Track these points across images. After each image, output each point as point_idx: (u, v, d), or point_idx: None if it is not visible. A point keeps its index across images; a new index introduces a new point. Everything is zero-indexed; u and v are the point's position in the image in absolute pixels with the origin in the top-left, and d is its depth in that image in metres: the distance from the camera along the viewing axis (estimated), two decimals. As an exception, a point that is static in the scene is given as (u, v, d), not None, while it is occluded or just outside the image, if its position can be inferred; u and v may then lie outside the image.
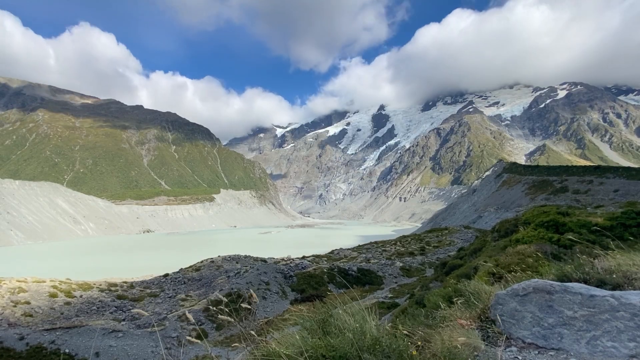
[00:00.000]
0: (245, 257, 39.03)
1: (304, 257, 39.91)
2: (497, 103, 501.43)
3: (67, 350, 15.67)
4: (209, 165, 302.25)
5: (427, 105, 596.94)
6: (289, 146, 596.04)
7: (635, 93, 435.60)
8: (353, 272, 30.47)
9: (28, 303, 20.01)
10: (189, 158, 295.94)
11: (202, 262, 36.46)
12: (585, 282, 3.61)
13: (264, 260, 35.63)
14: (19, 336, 16.04)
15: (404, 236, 65.58)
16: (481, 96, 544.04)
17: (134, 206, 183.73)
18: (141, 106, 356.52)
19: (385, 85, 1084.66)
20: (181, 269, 35.19)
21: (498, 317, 3.15)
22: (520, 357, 2.75)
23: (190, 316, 2.77)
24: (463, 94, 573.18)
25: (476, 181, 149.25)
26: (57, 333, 16.60)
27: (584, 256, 4.55)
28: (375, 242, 54.34)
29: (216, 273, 31.47)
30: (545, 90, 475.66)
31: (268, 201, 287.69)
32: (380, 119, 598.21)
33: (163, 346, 16.93)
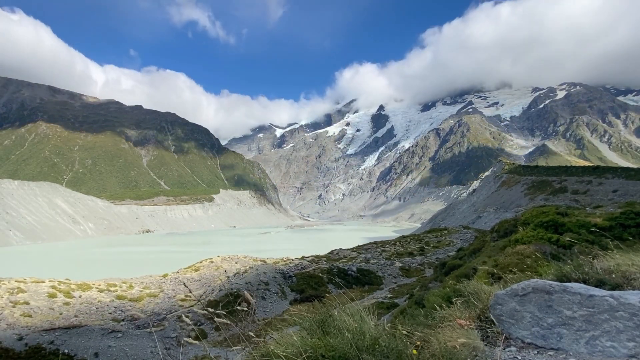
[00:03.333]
0: (245, 257, 39.01)
1: (303, 258, 39.89)
2: (496, 103, 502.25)
3: (66, 351, 15.65)
4: (208, 165, 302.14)
5: (427, 106, 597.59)
6: (289, 146, 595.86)
7: (634, 93, 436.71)
8: (352, 273, 30.49)
9: (27, 303, 19.97)
10: (188, 158, 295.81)
11: (201, 262, 36.41)
12: (585, 282, 3.61)
13: (263, 261, 35.62)
14: (18, 336, 16.02)
15: (404, 236, 65.59)
16: (480, 96, 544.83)
17: (133, 206, 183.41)
18: (140, 106, 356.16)
19: (385, 85, 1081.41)
20: (180, 269, 35.15)
21: (497, 317, 3.15)
22: (519, 357, 2.75)
23: (187, 318, 2.77)
24: (462, 94, 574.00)
25: (475, 181, 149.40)
26: (56, 333, 16.58)
27: (583, 256, 4.56)
28: (375, 243, 54.30)
29: (215, 273, 31.45)
30: (544, 90, 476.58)
31: (267, 201, 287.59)
32: (379, 119, 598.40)
33: (162, 347, 16.91)
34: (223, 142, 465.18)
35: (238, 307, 3.09)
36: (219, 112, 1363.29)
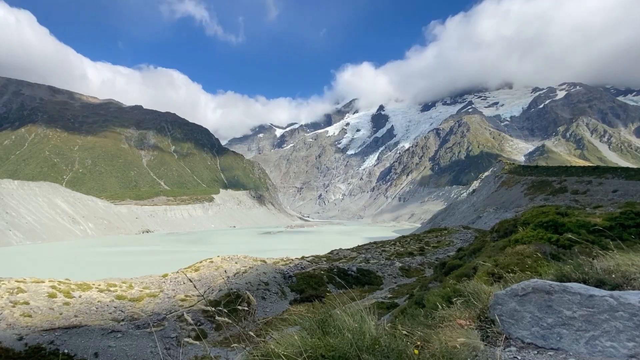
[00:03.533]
0: (245, 257, 38.98)
1: (303, 258, 39.88)
2: (496, 103, 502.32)
3: (65, 351, 15.65)
4: (208, 165, 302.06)
5: (427, 106, 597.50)
6: (289, 146, 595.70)
7: (634, 93, 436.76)
8: (352, 273, 30.48)
9: (27, 303, 19.97)
10: (188, 158, 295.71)
11: (201, 262, 36.39)
12: (584, 282, 3.61)
13: (263, 261, 35.61)
14: (18, 336, 16.01)
15: (403, 236, 65.58)
16: (480, 96, 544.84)
17: (133, 206, 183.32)
18: (140, 106, 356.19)
19: (385, 85, 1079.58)
20: (180, 269, 35.11)
21: (497, 317, 3.15)
22: (519, 357, 2.75)
23: (189, 317, 2.77)
24: (462, 94, 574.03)
25: (475, 182, 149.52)
26: (56, 333, 16.58)
27: (583, 256, 4.56)
28: (375, 243, 54.29)
29: (215, 273, 31.43)
30: (544, 90, 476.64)
31: (267, 201, 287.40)
32: (379, 119, 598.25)
33: (162, 346, 16.91)
34: (223, 142, 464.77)
35: (238, 307, 3.09)
36: (216, 111, 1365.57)
